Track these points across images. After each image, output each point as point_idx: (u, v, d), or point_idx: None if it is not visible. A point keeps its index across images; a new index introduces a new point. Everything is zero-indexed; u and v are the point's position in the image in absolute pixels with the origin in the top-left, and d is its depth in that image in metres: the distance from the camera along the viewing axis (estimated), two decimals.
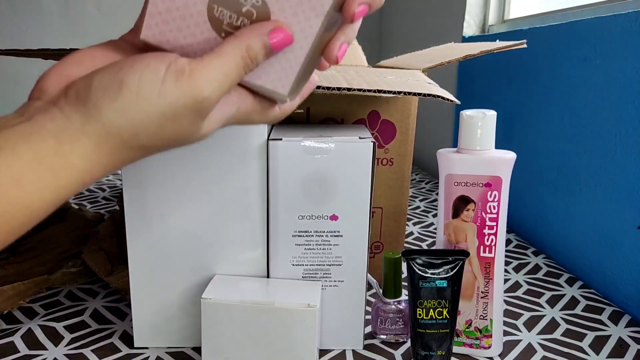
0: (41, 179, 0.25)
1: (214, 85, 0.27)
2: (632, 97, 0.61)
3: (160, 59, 0.27)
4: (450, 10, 1.23)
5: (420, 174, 1.31)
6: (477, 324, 0.50)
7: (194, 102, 0.27)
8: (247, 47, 0.28)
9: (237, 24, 0.29)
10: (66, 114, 0.26)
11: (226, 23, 0.29)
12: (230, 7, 0.29)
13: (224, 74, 0.28)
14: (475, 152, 0.47)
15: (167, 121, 0.27)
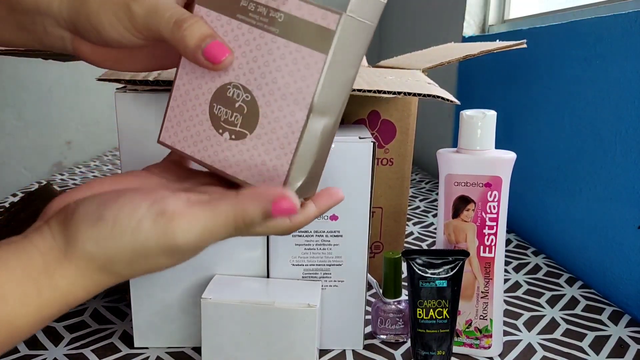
0: (26, 295, 0.25)
1: (191, 236, 0.26)
2: (632, 97, 0.61)
3: (145, 197, 0.27)
4: (450, 10, 1.23)
5: (420, 174, 1.31)
6: (477, 324, 0.50)
7: (166, 247, 0.27)
8: (243, 210, 0.27)
9: (232, 119, 0.30)
10: (54, 235, 0.27)
11: (223, 120, 0.31)
12: (226, 104, 0.30)
13: (209, 230, 0.27)
14: (475, 152, 0.47)
15: (139, 257, 0.27)
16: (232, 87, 0.30)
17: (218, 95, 0.31)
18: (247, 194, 0.28)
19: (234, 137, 0.30)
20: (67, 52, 0.34)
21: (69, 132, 1.32)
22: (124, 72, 0.46)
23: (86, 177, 1.22)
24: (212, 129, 0.31)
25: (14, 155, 1.09)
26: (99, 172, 1.28)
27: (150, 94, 0.45)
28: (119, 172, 0.42)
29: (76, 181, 1.18)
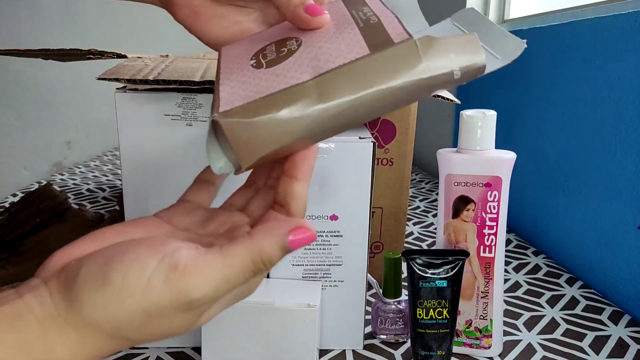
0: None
1: (208, 287, 0.24)
2: (632, 97, 0.61)
3: (153, 250, 0.25)
4: (450, 10, 1.23)
5: (420, 174, 1.31)
6: (477, 324, 0.50)
7: (181, 303, 0.24)
8: (261, 250, 0.25)
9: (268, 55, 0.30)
10: (54, 299, 0.24)
11: (262, 54, 0.30)
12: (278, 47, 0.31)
13: (224, 279, 0.25)
14: (475, 152, 0.47)
15: (151, 318, 0.24)
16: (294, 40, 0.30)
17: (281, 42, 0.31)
18: (260, 232, 0.26)
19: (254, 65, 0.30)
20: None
21: (69, 132, 1.32)
22: (124, 72, 0.46)
23: (86, 177, 1.23)
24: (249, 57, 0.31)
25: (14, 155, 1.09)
26: (99, 172, 1.28)
27: (150, 94, 0.45)
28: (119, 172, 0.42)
29: (76, 181, 1.18)
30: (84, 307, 0.24)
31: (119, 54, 0.49)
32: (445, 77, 0.26)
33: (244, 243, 0.25)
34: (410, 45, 0.26)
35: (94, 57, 0.49)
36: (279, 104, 0.26)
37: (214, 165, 0.28)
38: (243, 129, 0.26)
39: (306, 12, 0.30)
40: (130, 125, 0.46)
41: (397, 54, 0.26)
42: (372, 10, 0.30)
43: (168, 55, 0.59)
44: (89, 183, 1.17)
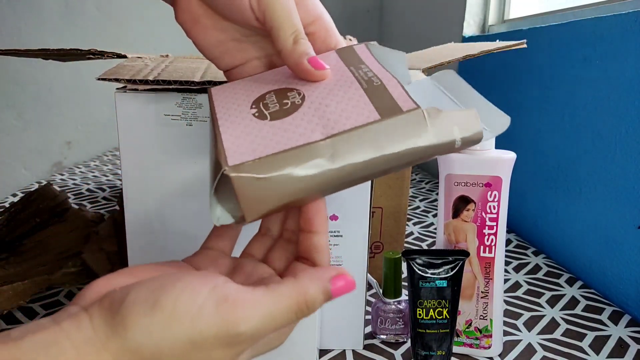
0: None
1: (255, 323, 0.24)
2: (632, 97, 0.61)
3: (204, 281, 0.25)
4: (450, 10, 1.23)
5: (420, 174, 1.31)
6: (477, 324, 0.50)
7: (227, 335, 0.24)
8: (306, 293, 0.26)
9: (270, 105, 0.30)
10: (94, 324, 0.24)
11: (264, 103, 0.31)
12: (279, 97, 0.31)
13: (271, 316, 0.25)
14: (475, 152, 0.47)
15: (193, 349, 0.24)
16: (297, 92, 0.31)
17: (282, 91, 0.31)
18: (306, 276, 0.27)
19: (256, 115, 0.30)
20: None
21: (69, 132, 1.32)
22: (124, 72, 0.46)
23: (86, 176, 1.23)
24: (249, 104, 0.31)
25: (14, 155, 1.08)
26: (99, 172, 1.28)
27: (150, 94, 0.45)
28: (119, 172, 0.42)
29: (76, 181, 1.18)
30: (128, 332, 0.23)
31: (119, 54, 0.49)
32: (448, 146, 0.28)
33: (291, 284, 0.26)
34: (419, 115, 0.27)
35: (94, 57, 0.49)
36: (292, 162, 0.27)
37: (213, 215, 0.28)
38: (254, 185, 0.26)
39: (310, 64, 0.31)
40: (130, 125, 0.46)
41: (407, 121, 0.27)
42: (371, 69, 0.32)
43: (168, 55, 0.59)
44: (89, 183, 1.17)
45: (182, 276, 0.25)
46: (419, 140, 0.27)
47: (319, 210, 0.30)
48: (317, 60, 0.31)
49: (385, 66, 0.32)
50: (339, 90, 0.30)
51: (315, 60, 0.31)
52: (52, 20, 1.22)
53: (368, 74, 0.31)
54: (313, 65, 0.31)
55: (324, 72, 0.31)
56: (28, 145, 1.14)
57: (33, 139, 1.15)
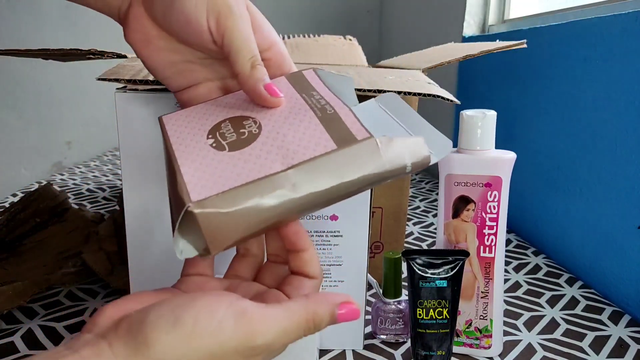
0: None
1: (271, 336, 0.26)
2: (632, 97, 0.61)
3: (220, 298, 0.26)
4: (450, 10, 1.23)
5: (420, 174, 1.31)
6: (477, 324, 0.50)
7: (245, 348, 0.26)
8: (315, 312, 0.28)
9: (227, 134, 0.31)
10: (114, 349, 0.25)
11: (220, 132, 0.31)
12: (235, 126, 0.31)
13: (285, 331, 0.27)
14: (475, 152, 0.47)
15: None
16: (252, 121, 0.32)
17: (237, 119, 0.32)
18: (317, 297, 0.28)
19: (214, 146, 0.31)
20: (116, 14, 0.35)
21: (69, 132, 1.32)
22: (124, 72, 0.46)
23: (86, 176, 1.23)
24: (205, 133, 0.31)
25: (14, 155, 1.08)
26: (99, 172, 1.28)
27: (150, 94, 0.45)
28: (119, 172, 0.42)
29: (76, 181, 1.18)
30: (151, 349, 0.24)
31: (119, 54, 0.49)
32: (399, 171, 0.30)
33: (302, 302, 0.28)
34: (372, 144, 0.29)
35: (94, 57, 0.49)
36: (255, 194, 0.27)
37: (177, 249, 0.28)
38: (219, 219, 0.27)
39: (266, 90, 0.32)
40: (130, 125, 0.46)
41: (362, 150, 0.29)
42: (322, 97, 0.33)
43: None
44: (89, 183, 1.17)
45: (198, 296, 0.26)
46: (374, 167, 0.29)
47: (297, 231, 0.31)
48: (272, 87, 0.32)
49: (335, 93, 0.33)
50: (294, 119, 0.31)
51: (270, 87, 0.32)
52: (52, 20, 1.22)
53: (321, 102, 0.32)
54: (269, 91, 0.32)
55: (279, 100, 0.32)
56: (28, 145, 1.14)
57: (33, 139, 1.15)
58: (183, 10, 0.32)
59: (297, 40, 0.82)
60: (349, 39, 0.81)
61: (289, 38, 0.83)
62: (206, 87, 0.36)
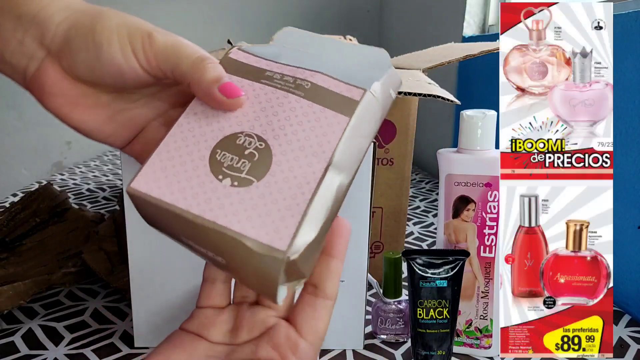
0: None
1: None
2: (632, 97, 0.61)
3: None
4: (450, 10, 1.23)
5: (420, 174, 1.31)
6: (477, 324, 0.50)
7: None
8: None
9: (237, 165, 0.27)
10: None
11: (226, 165, 0.27)
12: (233, 150, 0.28)
13: None
14: (475, 152, 0.47)
15: None
16: (245, 135, 0.28)
17: (225, 142, 0.28)
18: None
19: (237, 184, 0.27)
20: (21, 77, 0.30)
21: (69, 132, 1.32)
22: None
23: (86, 176, 1.23)
24: (210, 174, 0.27)
25: (14, 155, 1.09)
26: (99, 172, 1.28)
27: None
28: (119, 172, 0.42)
29: (76, 181, 1.18)
30: None
31: None
32: (390, 102, 0.32)
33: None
34: (370, 97, 0.30)
35: None
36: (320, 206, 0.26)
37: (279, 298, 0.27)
38: (308, 249, 0.26)
39: (222, 93, 0.28)
40: None
41: (366, 106, 0.29)
42: (280, 73, 0.30)
43: None
44: (89, 183, 1.17)
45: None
46: (377, 113, 0.30)
47: (342, 234, 0.29)
48: (230, 87, 0.28)
49: (281, 62, 0.31)
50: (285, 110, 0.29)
51: (229, 89, 0.28)
52: None
53: (286, 80, 0.30)
54: (226, 93, 0.28)
55: (240, 100, 0.29)
56: (28, 145, 1.14)
57: (33, 139, 1.15)
58: (113, 62, 0.29)
59: None
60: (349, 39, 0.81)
61: None
62: (152, 128, 0.33)
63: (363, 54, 0.34)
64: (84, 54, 0.29)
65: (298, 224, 0.25)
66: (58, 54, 0.29)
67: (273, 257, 0.24)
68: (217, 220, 0.26)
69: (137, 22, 0.30)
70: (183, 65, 0.29)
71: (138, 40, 0.29)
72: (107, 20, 0.29)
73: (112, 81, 0.30)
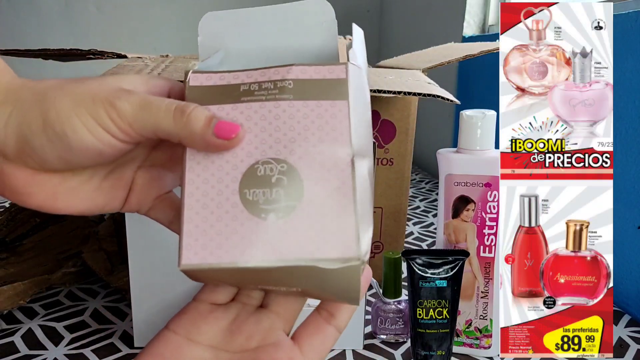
0: None
1: None
2: (632, 97, 0.61)
3: None
4: (450, 10, 1.23)
5: (420, 174, 1.31)
6: (477, 324, 0.50)
7: None
8: None
9: (273, 197, 0.26)
10: None
11: (262, 202, 0.26)
12: (260, 184, 0.26)
13: None
14: (475, 152, 0.47)
15: None
16: (262, 164, 0.27)
17: (247, 180, 0.27)
18: None
19: (282, 215, 0.26)
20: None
21: None
22: (124, 72, 0.46)
23: None
24: (252, 217, 0.26)
25: None
26: None
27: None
28: None
29: None
30: None
31: (119, 54, 0.49)
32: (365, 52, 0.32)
33: None
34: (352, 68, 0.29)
35: (94, 57, 0.49)
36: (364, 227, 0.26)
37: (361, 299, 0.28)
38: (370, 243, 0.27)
39: (219, 136, 0.26)
40: None
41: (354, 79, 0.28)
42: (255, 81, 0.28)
43: (168, 55, 0.59)
44: None
45: None
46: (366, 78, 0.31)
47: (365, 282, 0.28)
48: (224, 126, 0.26)
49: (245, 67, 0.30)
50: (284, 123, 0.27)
51: (221, 128, 0.26)
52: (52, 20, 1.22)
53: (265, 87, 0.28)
54: (223, 135, 0.26)
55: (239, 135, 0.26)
56: None
57: None
58: (87, 147, 0.26)
59: None
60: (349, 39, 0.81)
61: None
62: (140, 176, 0.31)
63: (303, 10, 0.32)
64: (49, 150, 0.26)
65: (355, 225, 0.25)
66: (19, 156, 0.26)
67: (350, 266, 0.25)
68: (282, 257, 0.25)
69: (90, 94, 0.26)
70: (164, 125, 0.26)
71: (103, 115, 0.25)
72: (57, 102, 0.26)
73: (91, 162, 0.27)
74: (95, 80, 0.27)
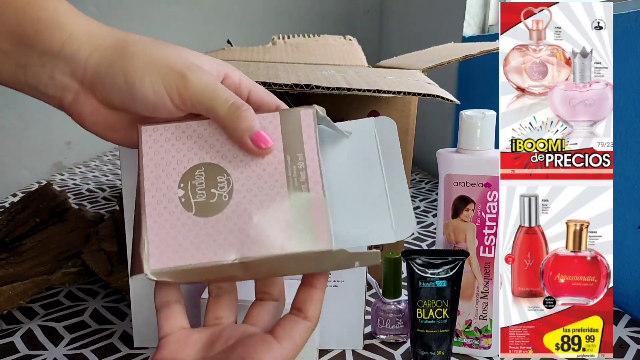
0: None
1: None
2: (632, 97, 0.61)
3: None
4: (450, 10, 1.23)
5: (420, 174, 1.31)
6: (477, 324, 0.50)
7: None
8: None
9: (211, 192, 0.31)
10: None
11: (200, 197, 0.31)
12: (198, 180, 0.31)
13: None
14: (475, 152, 0.47)
15: None
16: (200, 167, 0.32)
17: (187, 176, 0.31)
18: None
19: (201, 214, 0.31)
20: (58, 105, 0.33)
21: (69, 132, 1.32)
22: None
23: (86, 176, 1.23)
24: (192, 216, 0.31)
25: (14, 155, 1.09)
26: (99, 172, 1.28)
27: None
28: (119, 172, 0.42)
29: (76, 181, 1.18)
30: None
31: None
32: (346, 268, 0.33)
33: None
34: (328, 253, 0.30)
35: None
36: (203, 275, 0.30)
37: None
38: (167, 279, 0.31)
39: (253, 143, 0.31)
40: None
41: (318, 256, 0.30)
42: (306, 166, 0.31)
43: None
44: (89, 183, 1.17)
45: None
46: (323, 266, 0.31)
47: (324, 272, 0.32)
48: (260, 136, 0.31)
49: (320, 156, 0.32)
50: (266, 195, 0.31)
51: (257, 138, 0.31)
52: None
53: (301, 175, 0.31)
54: (256, 143, 0.31)
55: (266, 151, 0.31)
56: (28, 145, 1.14)
57: (33, 139, 1.16)
58: (147, 101, 0.31)
59: (297, 40, 0.82)
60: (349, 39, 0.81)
61: (289, 38, 0.83)
62: None
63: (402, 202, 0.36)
64: (116, 91, 0.31)
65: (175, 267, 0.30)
66: (91, 87, 0.31)
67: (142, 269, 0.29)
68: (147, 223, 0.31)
69: (167, 60, 0.31)
70: (219, 111, 0.31)
71: (172, 82, 0.30)
72: (136, 59, 0.30)
73: (146, 112, 0.32)
74: (174, 49, 0.32)
